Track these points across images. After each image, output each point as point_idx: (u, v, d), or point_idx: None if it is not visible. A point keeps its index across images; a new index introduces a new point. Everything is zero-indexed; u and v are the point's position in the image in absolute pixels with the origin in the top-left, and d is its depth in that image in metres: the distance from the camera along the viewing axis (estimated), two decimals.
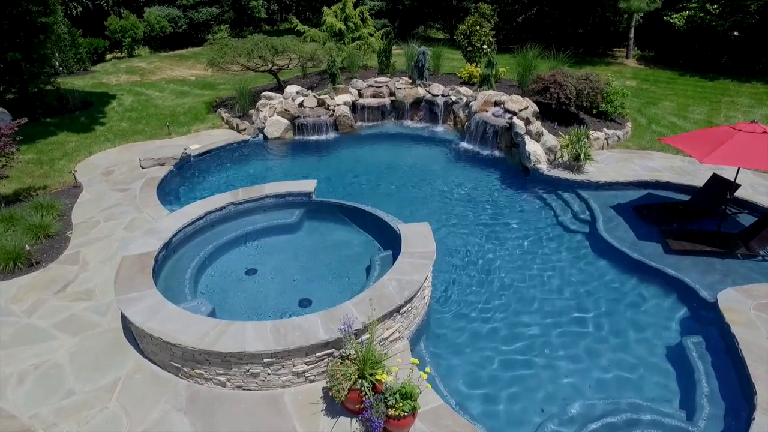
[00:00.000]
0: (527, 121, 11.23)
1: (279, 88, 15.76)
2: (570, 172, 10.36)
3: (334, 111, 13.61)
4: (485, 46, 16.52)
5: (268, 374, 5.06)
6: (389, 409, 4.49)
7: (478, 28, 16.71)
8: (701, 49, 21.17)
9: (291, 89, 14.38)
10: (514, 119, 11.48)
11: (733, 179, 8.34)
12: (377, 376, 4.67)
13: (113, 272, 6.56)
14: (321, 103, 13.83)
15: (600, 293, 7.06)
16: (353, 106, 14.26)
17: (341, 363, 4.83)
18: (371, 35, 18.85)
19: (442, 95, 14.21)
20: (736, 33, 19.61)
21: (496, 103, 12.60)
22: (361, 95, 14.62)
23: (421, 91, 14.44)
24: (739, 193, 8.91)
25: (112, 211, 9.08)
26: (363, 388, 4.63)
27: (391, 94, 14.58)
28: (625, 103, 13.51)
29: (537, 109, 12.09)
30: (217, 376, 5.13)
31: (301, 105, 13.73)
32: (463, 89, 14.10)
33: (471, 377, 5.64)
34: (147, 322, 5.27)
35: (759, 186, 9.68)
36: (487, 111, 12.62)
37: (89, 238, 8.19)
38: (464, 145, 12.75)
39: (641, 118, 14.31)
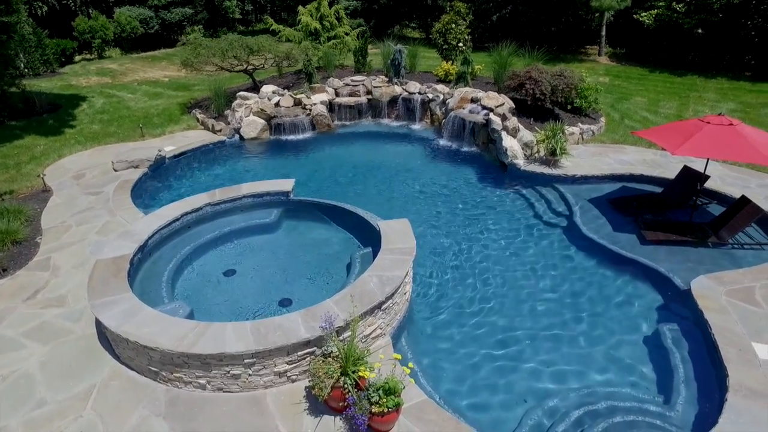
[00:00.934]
0: (504, 117, 11.34)
1: (255, 88, 15.60)
2: (546, 167, 10.50)
3: (310, 110, 13.52)
4: (461, 44, 16.65)
5: (250, 375, 4.98)
6: (373, 406, 4.46)
7: (453, 26, 16.83)
8: (670, 47, 21.75)
9: (267, 89, 14.22)
10: (491, 115, 11.58)
11: (702, 171, 8.59)
12: (360, 373, 4.65)
13: (86, 277, 6.35)
14: (297, 103, 13.71)
15: (578, 284, 7.16)
16: (330, 105, 14.19)
17: (323, 361, 4.78)
18: (347, 34, 18.79)
19: (419, 93, 14.25)
20: (700, 31, 20.21)
21: (473, 100, 12.69)
22: (337, 94, 14.56)
23: (397, 90, 14.45)
24: (709, 184, 9.18)
25: (84, 215, 8.83)
26: (346, 386, 4.60)
27: (368, 92, 14.56)
28: (598, 99, 13.78)
29: (513, 106, 12.23)
30: (197, 379, 5.03)
31: (277, 105, 13.59)
32: (440, 87, 14.17)
33: (454, 371, 5.65)
34: (122, 326, 5.13)
35: (726, 177, 9.98)
36: (463, 108, 12.71)
37: (60, 243, 7.94)
38: (442, 142, 12.81)
39: (614, 113, 14.61)
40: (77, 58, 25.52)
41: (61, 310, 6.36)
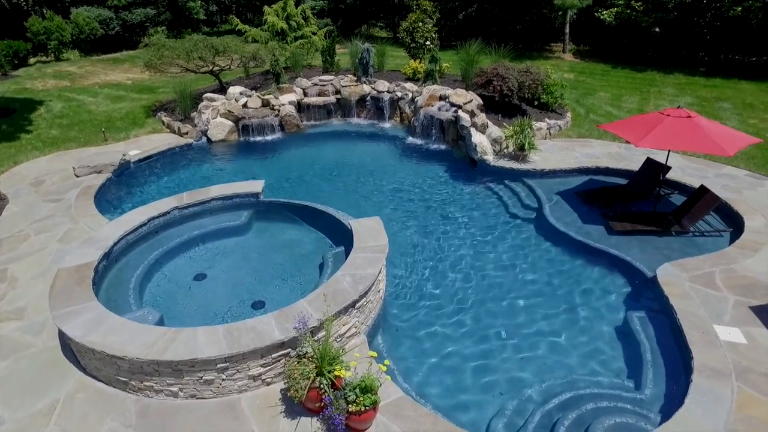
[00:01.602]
0: (472, 114, 11.46)
1: (221, 89, 15.28)
2: (515, 162, 10.67)
3: (279, 111, 13.35)
4: (428, 43, 16.75)
5: (223, 380, 4.88)
6: (350, 405, 4.43)
7: (420, 24, 16.92)
8: (630, 44, 22.44)
9: (234, 90, 13.98)
10: (460, 112, 11.69)
11: (664, 162, 8.88)
12: (336, 372, 4.61)
13: (47, 288, 6.08)
14: (265, 104, 13.53)
15: (548, 276, 7.30)
16: (299, 106, 14.05)
17: (298, 362, 4.72)
18: (314, 34, 18.65)
19: (388, 92, 14.27)
20: (657, 29, 20.93)
21: (441, 98, 12.78)
22: (306, 94, 14.43)
23: (366, 89, 14.42)
24: (670, 175, 9.50)
25: (44, 223, 8.47)
26: (322, 386, 4.55)
27: (337, 92, 14.48)
28: (564, 95, 14.09)
29: (481, 102, 12.37)
30: (169, 387, 4.89)
31: (245, 106, 13.37)
32: (408, 85, 14.22)
33: (430, 366, 5.67)
34: (88, 336, 4.94)
35: (686, 168, 10.35)
36: (432, 105, 12.78)
37: (18, 253, 7.59)
38: (411, 139, 12.86)
39: (580, 108, 14.97)
40: (32, 60, 24.46)
41: (20, 323, 6.08)
